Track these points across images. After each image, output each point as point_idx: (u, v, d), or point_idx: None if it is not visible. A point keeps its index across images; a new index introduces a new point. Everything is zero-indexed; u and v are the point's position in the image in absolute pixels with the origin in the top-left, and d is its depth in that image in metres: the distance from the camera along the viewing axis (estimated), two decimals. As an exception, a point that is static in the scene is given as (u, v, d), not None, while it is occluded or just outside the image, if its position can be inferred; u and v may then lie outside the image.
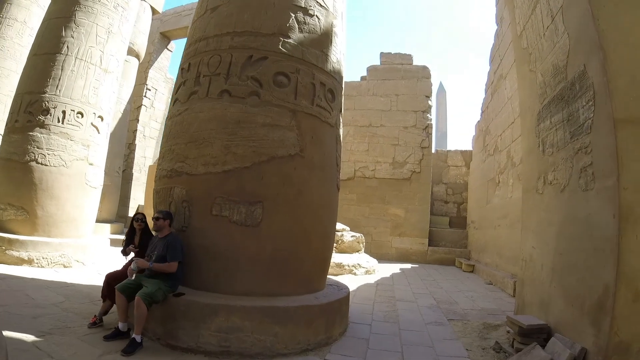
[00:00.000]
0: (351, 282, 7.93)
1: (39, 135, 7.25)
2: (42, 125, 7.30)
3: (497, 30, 12.79)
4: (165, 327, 3.76)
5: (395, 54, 16.27)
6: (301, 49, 4.61)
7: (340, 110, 5.24)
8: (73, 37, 7.80)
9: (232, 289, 3.99)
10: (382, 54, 16.35)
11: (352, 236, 10.74)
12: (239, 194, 4.11)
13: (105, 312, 4.21)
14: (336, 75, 5.05)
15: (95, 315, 4.17)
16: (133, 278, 3.85)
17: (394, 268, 11.70)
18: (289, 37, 4.58)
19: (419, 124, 15.16)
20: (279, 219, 4.19)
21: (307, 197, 4.41)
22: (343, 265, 9.51)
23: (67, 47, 7.71)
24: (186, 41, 5.27)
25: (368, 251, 12.23)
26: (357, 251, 10.76)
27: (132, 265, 3.94)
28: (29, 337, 3.59)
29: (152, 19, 17.25)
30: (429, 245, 14.54)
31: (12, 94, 8.28)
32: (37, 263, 6.79)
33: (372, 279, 9.31)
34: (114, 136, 14.67)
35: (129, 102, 15.72)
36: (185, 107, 4.70)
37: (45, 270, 6.65)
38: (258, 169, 4.17)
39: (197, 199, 4.25)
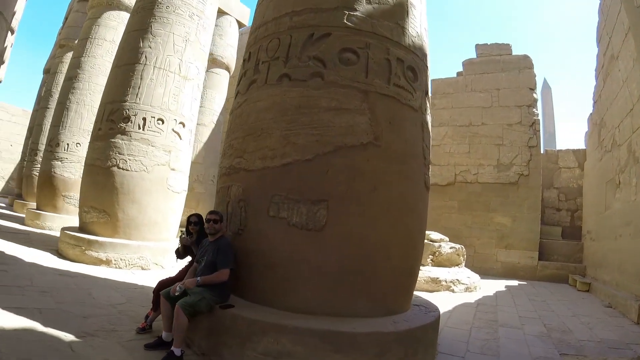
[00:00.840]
0: (447, 301, 6.94)
1: (120, 141, 7.39)
2: (124, 132, 7.44)
3: (600, 4, 10.91)
4: (209, 342, 3.28)
5: (492, 44, 14.70)
6: (370, 21, 3.90)
7: (427, 94, 4.38)
8: (150, 47, 7.92)
9: (289, 305, 3.34)
10: (477, 46, 14.92)
11: (451, 247, 9.56)
12: (299, 192, 3.48)
13: (154, 319, 3.84)
14: (417, 51, 4.21)
15: (144, 321, 3.83)
16: (177, 294, 3.38)
17: (499, 285, 10.23)
18: (355, 10, 3.91)
19: (525, 121, 13.33)
20: (348, 222, 3.46)
21: (383, 195, 3.60)
22: (439, 281, 8.41)
23: (145, 57, 7.84)
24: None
25: (469, 265, 10.87)
26: (457, 265, 9.54)
27: (177, 286, 3.48)
28: (68, 337, 3.35)
29: (241, 33, 17.81)
30: (539, 259, 12.48)
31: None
32: (114, 264, 6.83)
33: (472, 297, 8.08)
34: (208, 146, 15.37)
35: (222, 114, 16.19)
36: (244, 99, 4.24)
37: (121, 272, 6.64)
38: (322, 161, 3.49)
39: (254, 197, 3.71)
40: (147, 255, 7.14)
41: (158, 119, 7.67)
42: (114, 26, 12.41)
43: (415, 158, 4.00)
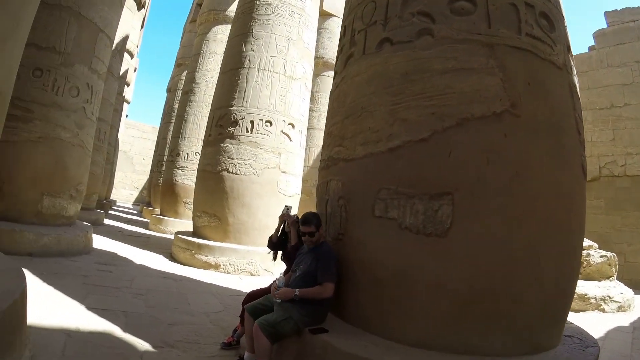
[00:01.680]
0: (597, 324, 5.43)
1: (229, 146, 7.31)
2: (232, 137, 7.36)
3: None
4: (297, 375, 2.58)
5: (623, 10, 12.08)
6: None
7: (568, 49, 3.20)
8: (253, 50, 7.79)
9: (399, 334, 2.53)
10: (606, 14, 12.44)
11: (601, 256, 7.62)
12: (413, 183, 2.65)
13: (242, 334, 3.32)
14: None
15: (231, 335, 3.36)
16: (278, 300, 2.81)
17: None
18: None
19: None
20: (481, 223, 2.52)
21: (529, 184, 2.59)
22: (588, 298, 6.68)
23: (249, 60, 7.73)
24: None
25: (619, 277, 8.70)
26: (608, 277, 7.57)
27: (277, 281, 2.97)
28: (143, 346, 3.03)
29: None
30: None
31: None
32: (223, 269, 6.70)
33: (626, 319, 6.23)
34: None
35: None
36: (341, 77, 3.57)
37: (229, 277, 6.47)
38: (441, 140, 2.63)
39: (355, 193, 2.98)
40: (257, 260, 6.87)
41: (266, 121, 7.45)
42: (222, 39, 12.86)
43: (567, 132, 2.88)
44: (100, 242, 7.89)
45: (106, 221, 12.40)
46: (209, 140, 7.77)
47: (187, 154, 12.17)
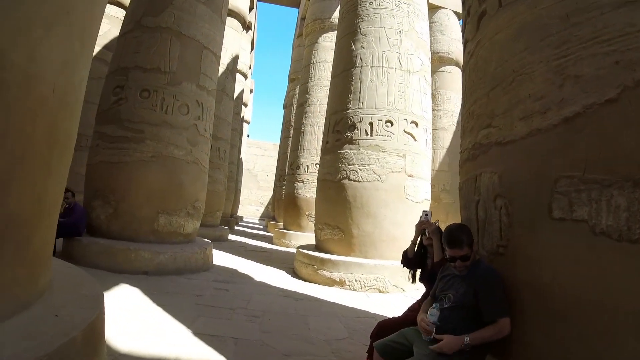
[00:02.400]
0: None
1: (348, 151, 6.86)
2: (351, 141, 6.89)
3: None
4: None
5: None
6: None
7: None
8: (364, 48, 7.30)
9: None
10: None
11: None
12: (606, 165, 1.76)
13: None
14: None
15: None
16: (432, 336, 2.14)
17: None
18: None
19: None
20: None
21: None
22: None
23: (360, 58, 7.26)
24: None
25: None
26: None
27: (429, 316, 2.23)
28: None
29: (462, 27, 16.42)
30: None
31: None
32: (348, 285, 6.20)
33: None
34: (452, 151, 13.98)
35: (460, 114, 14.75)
36: (475, 43, 2.82)
37: (355, 295, 5.94)
38: (636, 97, 1.70)
39: (520, 188, 2.17)
40: (385, 275, 6.24)
41: (386, 122, 6.85)
42: (330, 47, 12.80)
43: None
44: (221, 258, 8.08)
45: (231, 237, 13.00)
46: (326, 147, 7.44)
47: (307, 166, 12.18)
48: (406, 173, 6.79)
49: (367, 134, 6.80)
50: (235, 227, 17.99)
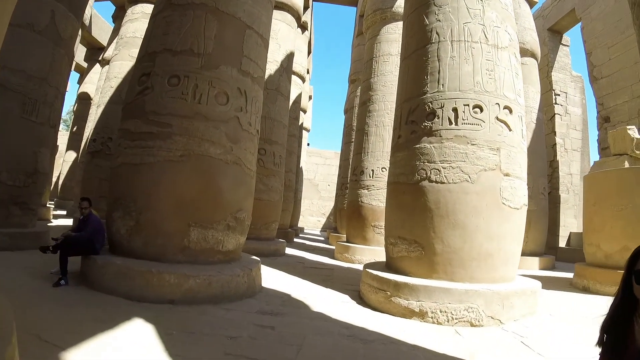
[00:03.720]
0: None
1: (427, 145, 5.45)
2: (430, 133, 5.49)
3: None
4: None
5: None
6: None
7: None
8: (439, 20, 5.93)
9: None
10: None
11: None
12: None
13: None
14: None
15: None
16: None
17: None
18: None
19: None
20: None
21: None
22: None
23: (437, 33, 5.89)
24: None
25: None
26: None
27: None
28: None
29: (534, 17, 15.08)
30: None
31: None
32: (431, 317, 4.75)
33: None
34: (531, 151, 12.42)
35: (540, 111, 13.31)
36: None
37: (441, 330, 4.51)
38: None
39: None
40: (478, 304, 4.76)
41: (474, 107, 5.42)
42: (394, 39, 11.46)
43: None
44: (273, 278, 6.85)
45: (289, 250, 11.79)
46: (398, 143, 6.06)
47: (373, 170, 10.81)
48: (501, 171, 5.31)
49: (450, 123, 5.38)
50: (295, 240, 16.91)
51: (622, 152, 9.93)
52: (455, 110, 5.40)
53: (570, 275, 10.10)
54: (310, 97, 27.71)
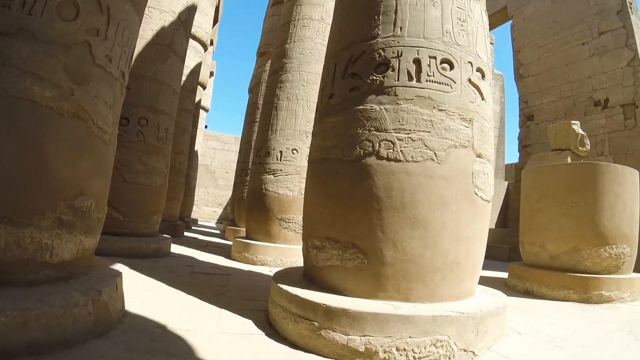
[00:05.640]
0: None
1: (375, 107, 3.80)
2: (380, 90, 3.84)
3: None
4: None
5: None
6: None
7: None
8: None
9: None
10: None
11: None
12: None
13: None
14: None
15: None
16: None
17: None
18: None
19: None
20: None
21: None
22: None
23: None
24: None
25: None
26: None
27: None
28: None
29: None
30: None
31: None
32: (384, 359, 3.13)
33: None
34: None
35: None
36: None
37: None
38: None
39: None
40: (450, 334, 3.24)
41: (443, 61, 3.90)
42: (318, 2, 9.74)
43: None
44: (146, 294, 4.72)
45: (176, 248, 9.50)
46: (329, 105, 4.31)
47: (281, 152, 8.87)
48: (474, 150, 3.87)
49: (410, 79, 3.80)
50: (186, 234, 14.28)
51: (564, 147, 9.29)
52: (417, 62, 3.83)
53: (496, 274, 9.36)
54: (212, 74, 24.94)
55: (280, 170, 8.74)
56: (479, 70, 4.14)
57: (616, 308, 6.29)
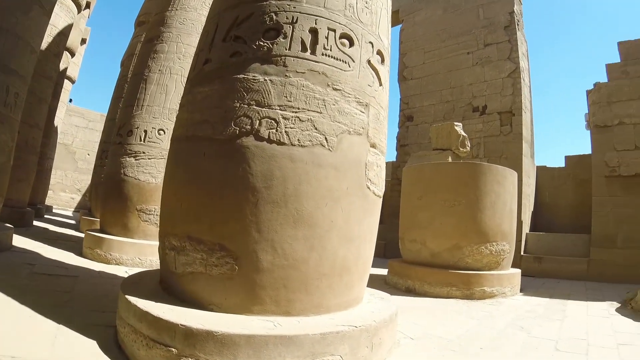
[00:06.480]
0: None
1: (259, 77, 3.10)
2: (267, 58, 3.16)
3: None
4: None
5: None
6: None
7: None
8: None
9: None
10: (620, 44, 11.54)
11: None
12: None
13: None
14: None
15: None
16: None
17: None
18: None
19: None
20: None
21: None
22: None
23: None
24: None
25: None
26: None
27: None
28: None
29: None
30: None
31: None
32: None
33: None
34: None
35: None
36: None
37: None
38: None
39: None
40: (343, 352, 2.71)
41: (342, 36, 3.35)
42: None
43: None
44: None
45: (20, 241, 7.73)
46: (203, 72, 3.50)
47: (146, 131, 7.57)
48: (369, 139, 3.40)
49: (305, 49, 3.18)
50: (35, 223, 11.96)
51: (445, 147, 9.57)
52: (314, 32, 3.22)
53: (374, 270, 9.54)
54: (84, 41, 21.78)
55: (144, 152, 7.47)
56: (379, 53, 3.69)
57: (500, 303, 6.48)
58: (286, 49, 3.16)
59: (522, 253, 11.18)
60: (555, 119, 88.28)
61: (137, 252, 6.77)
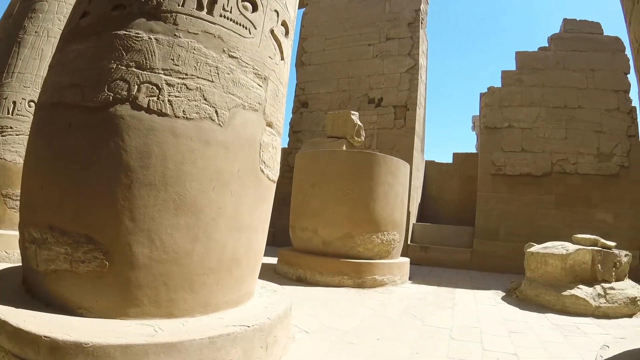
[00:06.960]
0: None
1: (143, 35, 2.57)
2: (155, 14, 2.61)
3: None
4: None
5: (582, 21, 12.69)
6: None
7: None
8: None
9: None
10: (565, 21, 12.88)
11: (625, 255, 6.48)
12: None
13: None
14: None
15: None
16: None
17: None
18: None
19: (622, 107, 11.60)
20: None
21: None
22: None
23: None
24: None
25: None
26: None
27: None
28: None
29: None
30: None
31: None
32: None
33: None
34: None
35: None
36: None
37: None
38: None
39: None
40: (235, 356, 2.38)
41: None
42: None
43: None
44: None
45: None
46: (79, 26, 2.84)
47: (14, 103, 6.44)
48: (265, 117, 3.09)
49: (200, 8, 2.70)
50: None
51: (340, 135, 9.61)
52: (210, -14, 2.80)
53: (263, 259, 9.31)
54: None
55: (11, 127, 6.36)
56: (284, 24, 3.37)
57: (391, 292, 6.62)
58: (179, 5, 2.67)
59: (409, 242, 11.85)
60: (446, 118, 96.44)
61: (3, 245, 5.72)
